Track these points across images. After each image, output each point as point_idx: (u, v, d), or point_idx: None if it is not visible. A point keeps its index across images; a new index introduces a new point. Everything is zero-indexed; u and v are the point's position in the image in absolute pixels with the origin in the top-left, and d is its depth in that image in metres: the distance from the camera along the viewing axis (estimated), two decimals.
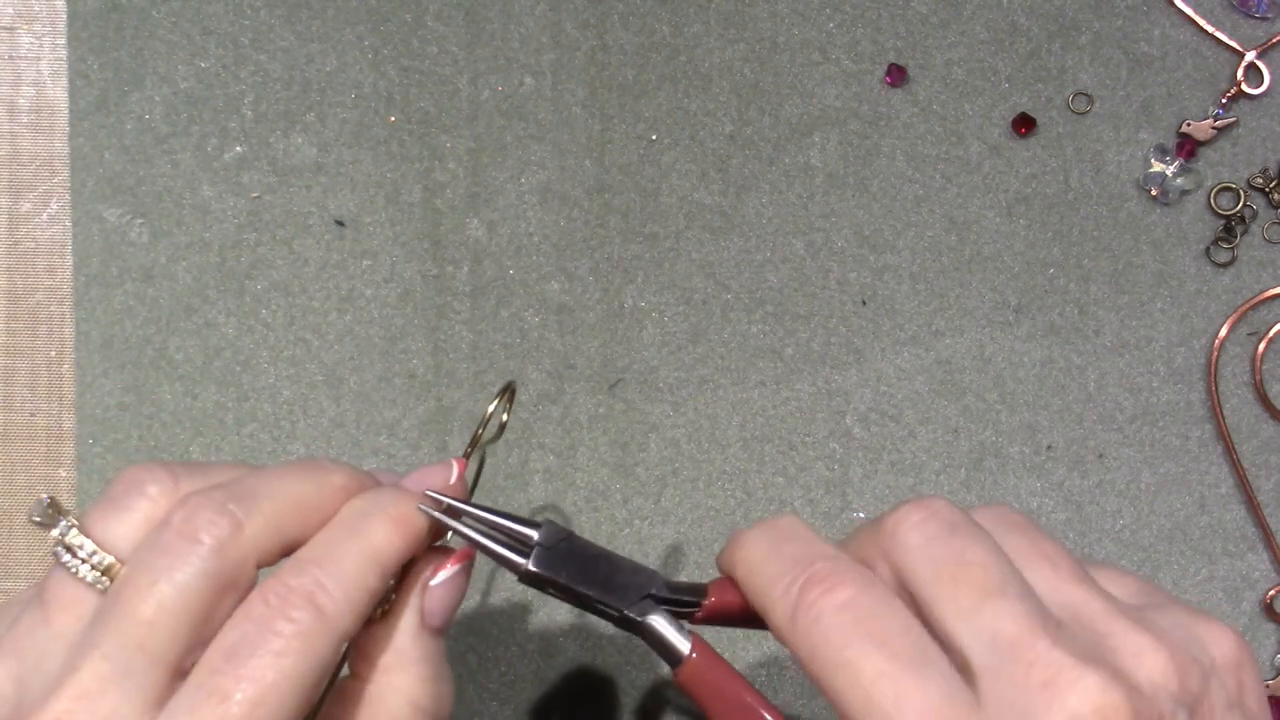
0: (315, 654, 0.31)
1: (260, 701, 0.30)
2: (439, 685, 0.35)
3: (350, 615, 0.32)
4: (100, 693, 0.30)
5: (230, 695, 0.30)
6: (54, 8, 0.54)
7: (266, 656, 0.30)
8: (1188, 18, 0.53)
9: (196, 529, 0.32)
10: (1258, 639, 0.51)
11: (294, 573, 0.32)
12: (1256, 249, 0.52)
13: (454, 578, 0.36)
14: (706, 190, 0.53)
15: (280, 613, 0.31)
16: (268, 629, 0.31)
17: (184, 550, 0.31)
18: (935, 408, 0.52)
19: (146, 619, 0.31)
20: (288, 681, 0.30)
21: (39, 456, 0.52)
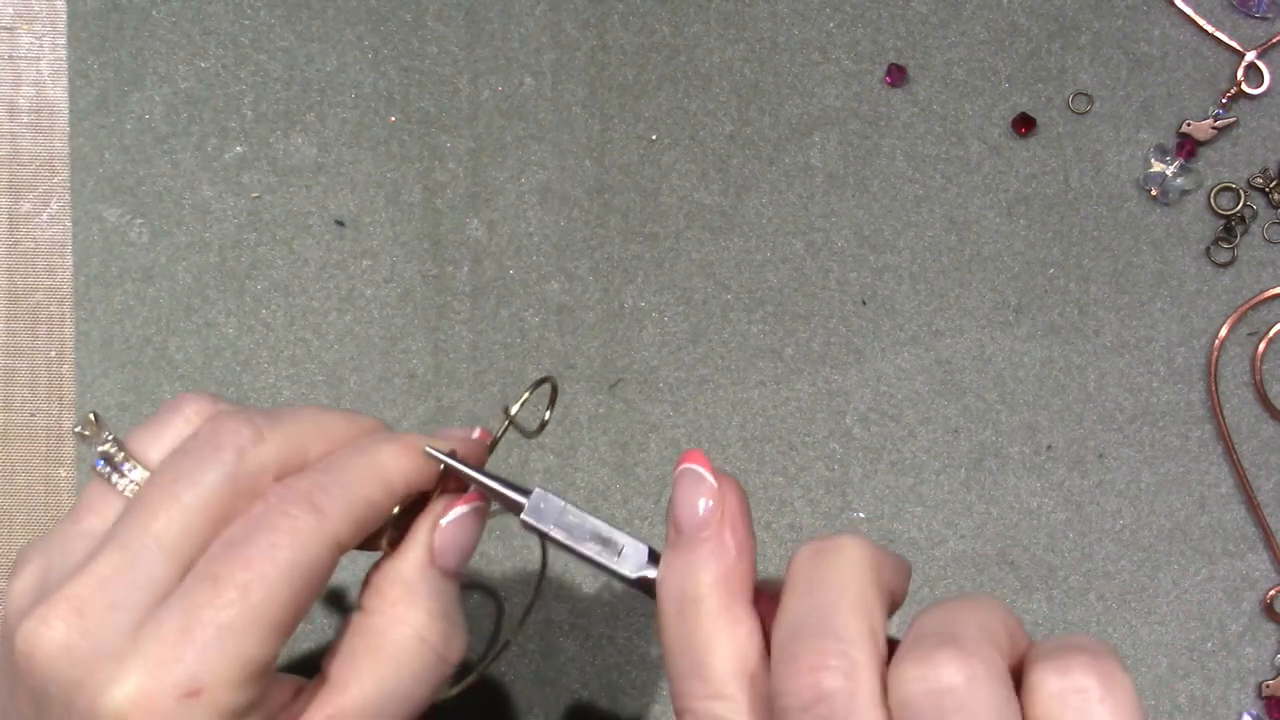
0: (308, 550, 0.32)
1: (250, 588, 0.31)
2: (447, 625, 0.35)
3: (347, 520, 0.33)
4: (112, 579, 0.32)
5: (222, 581, 0.31)
6: (54, 8, 0.54)
7: (261, 548, 0.32)
8: (1188, 18, 0.53)
9: (220, 436, 0.33)
10: (1258, 639, 0.51)
11: (298, 477, 0.33)
12: (1256, 249, 0.52)
13: (465, 518, 0.36)
14: (706, 190, 0.53)
15: (279, 510, 0.32)
16: (265, 523, 0.32)
17: (206, 454, 0.33)
18: (935, 408, 0.52)
19: (164, 514, 0.32)
20: (280, 573, 0.31)
21: (39, 456, 0.53)
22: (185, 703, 0.30)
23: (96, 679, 0.31)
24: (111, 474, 0.34)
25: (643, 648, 0.51)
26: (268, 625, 0.31)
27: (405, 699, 0.34)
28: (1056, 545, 0.51)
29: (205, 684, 0.30)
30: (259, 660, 0.31)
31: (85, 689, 0.31)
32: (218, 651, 0.31)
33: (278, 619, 0.32)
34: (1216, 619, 0.51)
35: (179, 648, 0.31)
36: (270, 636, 0.31)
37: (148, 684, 0.30)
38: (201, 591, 0.31)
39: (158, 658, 0.31)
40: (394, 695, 0.34)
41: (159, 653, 0.31)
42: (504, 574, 0.52)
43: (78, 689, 0.31)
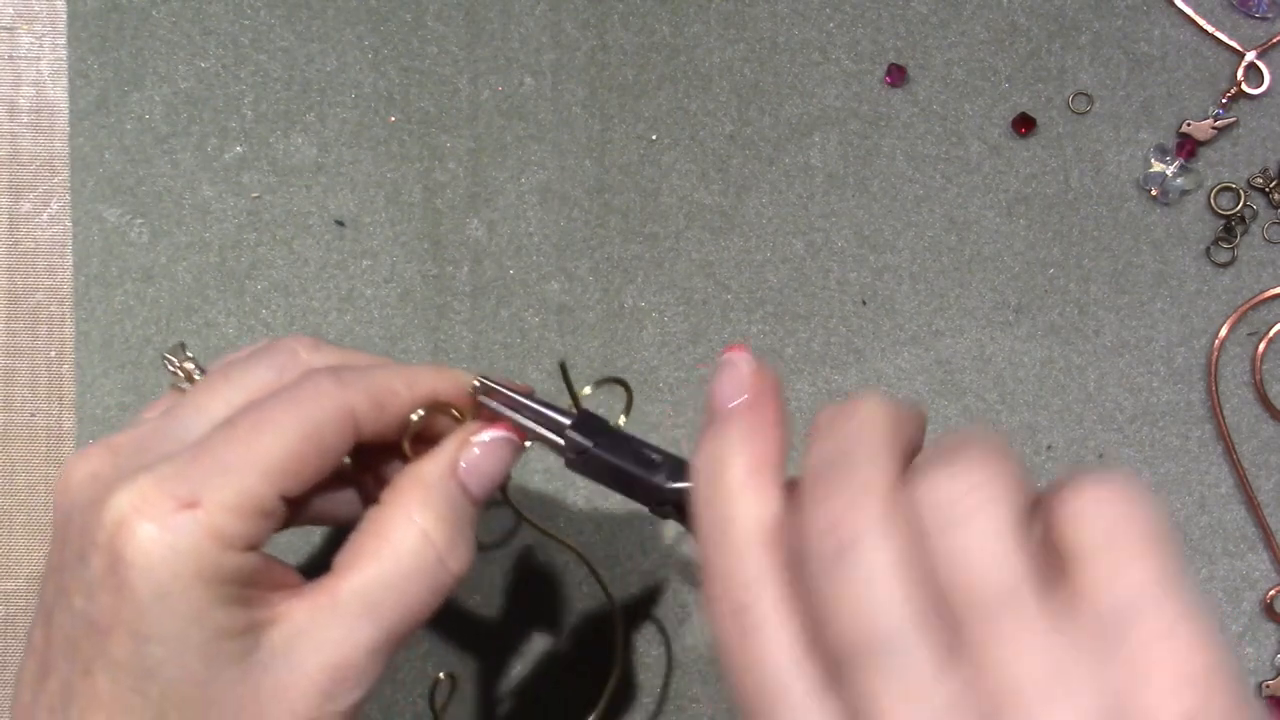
0: (322, 410, 0.34)
1: (259, 428, 0.33)
2: (456, 534, 0.36)
3: (366, 396, 0.35)
4: (152, 434, 0.35)
5: (236, 425, 0.34)
6: (54, 8, 0.54)
7: (280, 405, 0.34)
8: (1188, 18, 0.53)
9: (280, 343, 0.37)
10: (1258, 639, 0.51)
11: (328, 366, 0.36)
12: (1256, 249, 0.52)
13: (498, 443, 0.37)
14: (706, 190, 0.53)
15: (307, 378, 0.35)
16: (291, 386, 0.35)
17: (264, 353, 0.37)
18: (935, 408, 0.52)
19: (213, 392, 0.36)
20: (291, 421, 0.34)
21: (39, 456, 0.53)
22: (182, 512, 0.32)
23: (108, 494, 0.33)
24: (181, 381, 0.39)
25: (643, 647, 0.51)
26: (272, 468, 0.33)
27: (403, 593, 0.35)
28: None
29: (202, 500, 0.32)
30: (257, 495, 0.33)
31: (97, 504, 0.33)
32: (220, 476, 0.33)
33: (283, 465, 0.33)
34: (1216, 619, 0.51)
35: (186, 468, 0.33)
36: (273, 479, 0.33)
37: (149, 491, 0.32)
38: (217, 434, 0.34)
39: (164, 475, 0.33)
40: (391, 586, 0.35)
41: (166, 471, 0.33)
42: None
43: (92, 505, 0.33)
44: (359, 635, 0.34)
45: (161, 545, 0.32)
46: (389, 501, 0.36)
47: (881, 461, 0.29)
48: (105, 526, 0.32)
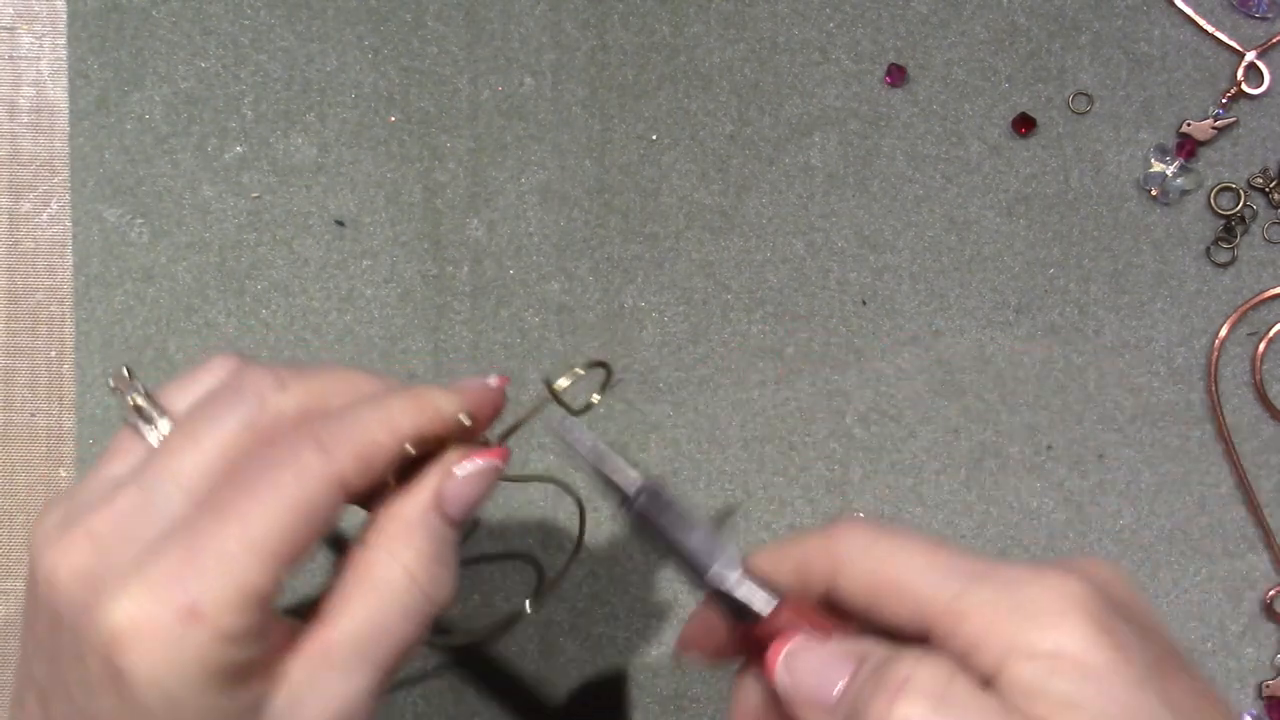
0: (312, 486, 0.33)
1: (251, 517, 0.32)
2: (440, 569, 0.36)
3: (352, 460, 0.34)
4: (129, 514, 0.33)
5: (225, 512, 0.32)
6: (54, 8, 0.54)
7: (267, 483, 0.33)
8: (1188, 18, 0.53)
9: (243, 384, 0.35)
10: (1258, 639, 0.51)
11: (309, 423, 0.34)
12: (1256, 249, 0.52)
13: (479, 473, 0.37)
14: (706, 190, 0.53)
15: (287, 448, 0.33)
16: (273, 460, 0.33)
17: (229, 400, 0.35)
18: (935, 408, 0.52)
19: (182, 455, 0.34)
20: (282, 505, 0.32)
21: (39, 456, 0.52)
22: (183, 621, 0.31)
23: (100, 601, 0.32)
24: (140, 424, 0.36)
25: (643, 648, 0.51)
26: (268, 554, 0.32)
27: (392, 634, 0.35)
28: (1056, 545, 0.51)
29: (205, 607, 0.31)
30: (258, 588, 0.32)
31: (89, 611, 0.32)
32: (218, 576, 0.32)
33: (278, 549, 0.32)
34: (1216, 619, 0.51)
35: (181, 571, 0.32)
36: (270, 566, 0.32)
37: (147, 604, 0.31)
38: (205, 520, 0.32)
39: (160, 580, 0.31)
40: (381, 629, 0.34)
41: (160, 575, 0.32)
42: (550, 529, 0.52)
43: (84, 611, 0.32)
44: (355, 683, 0.34)
45: (166, 659, 0.31)
46: (372, 543, 0.35)
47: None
48: (102, 637, 0.31)
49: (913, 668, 0.30)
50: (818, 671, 0.32)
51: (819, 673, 0.32)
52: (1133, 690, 0.29)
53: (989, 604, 0.31)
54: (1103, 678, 0.29)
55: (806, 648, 0.33)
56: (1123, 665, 0.30)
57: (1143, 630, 0.32)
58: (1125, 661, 0.30)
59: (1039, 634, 0.30)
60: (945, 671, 0.30)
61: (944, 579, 0.32)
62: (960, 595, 0.32)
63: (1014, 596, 0.31)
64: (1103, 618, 0.30)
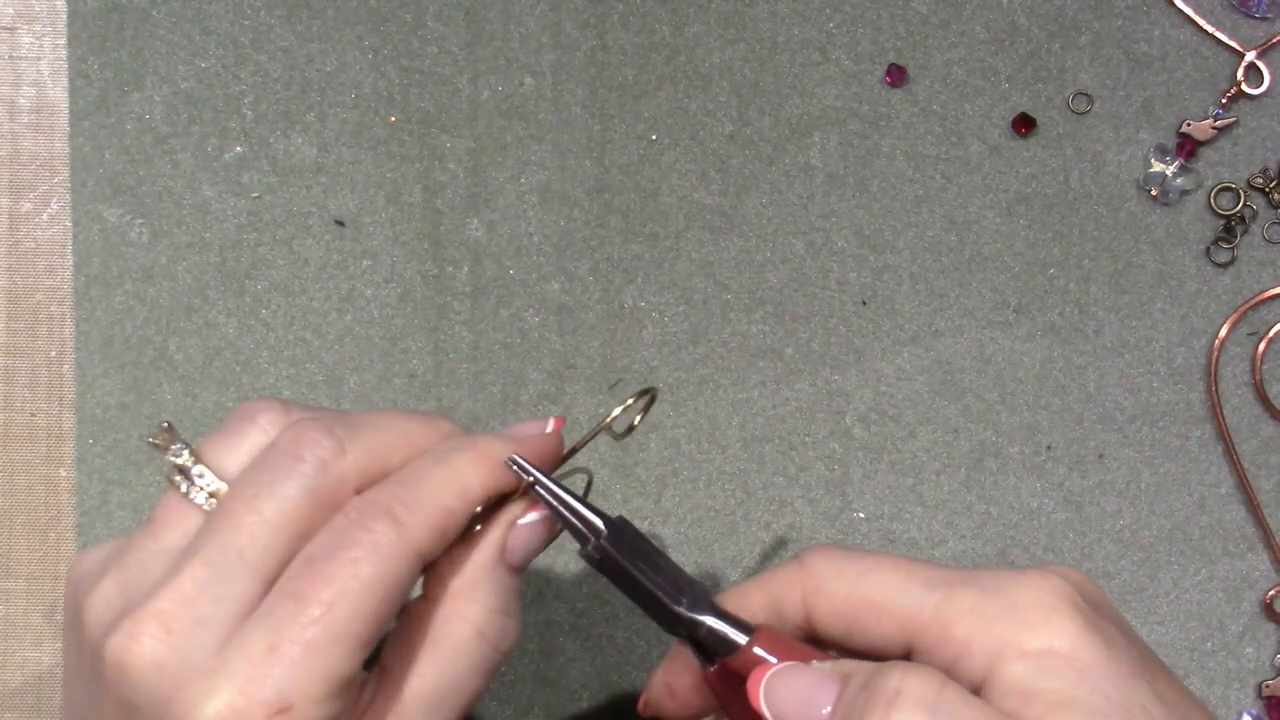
0: (390, 564, 0.32)
1: (334, 605, 0.31)
2: (506, 619, 0.36)
3: (427, 531, 0.33)
4: (198, 596, 0.32)
5: (306, 598, 0.31)
6: (54, 8, 0.54)
7: (344, 563, 0.32)
8: (1188, 18, 0.53)
9: (301, 448, 0.33)
10: (1258, 639, 0.51)
11: (378, 490, 0.34)
12: (1256, 249, 0.52)
13: (543, 521, 0.36)
14: (706, 190, 0.53)
15: (359, 524, 0.33)
16: (347, 539, 0.32)
17: (287, 467, 0.33)
18: (935, 408, 0.52)
19: (246, 529, 0.33)
20: (363, 588, 0.32)
21: (39, 456, 0.52)
22: (275, 719, 0.31)
23: (185, 696, 0.31)
24: (185, 485, 0.34)
25: (643, 648, 0.51)
26: (352, 640, 0.32)
27: (462, 692, 0.35)
28: (1056, 545, 0.51)
29: (294, 700, 0.31)
30: (344, 675, 0.32)
31: (174, 706, 0.31)
32: (304, 668, 0.31)
33: (362, 634, 0.32)
34: (1216, 619, 0.51)
35: (267, 665, 0.31)
36: (355, 651, 0.32)
37: (237, 701, 0.31)
38: (286, 608, 0.32)
39: (246, 675, 0.31)
40: (452, 688, 0.34)
41: (247, 670, 0.31)
42: None
43: (167, 705, 0.31)
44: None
45: None
46: (436, 599, 0.35)
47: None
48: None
49: (902, 679, 0.30)
50: (803, 695, 0.32)
51: (805, 696, 0.32)
52: (1125, 686, 0.29)
53: (974, 608, 0.31)
54: (1095, 674, 0.29)
55: (789, 671, 0.33)
56: (1113, 662, 0.30)
57: (1122, 630, 0.32)
58: (1114, 659, 0.30)
59: (1028, 633, 0.30)
60: (935, 680, 0.30)
61: (923, 590, 0.32)
62: (942, 603, 0.32)
63: (999, 598, 0.31)
64: (1089, 616, 0.30)
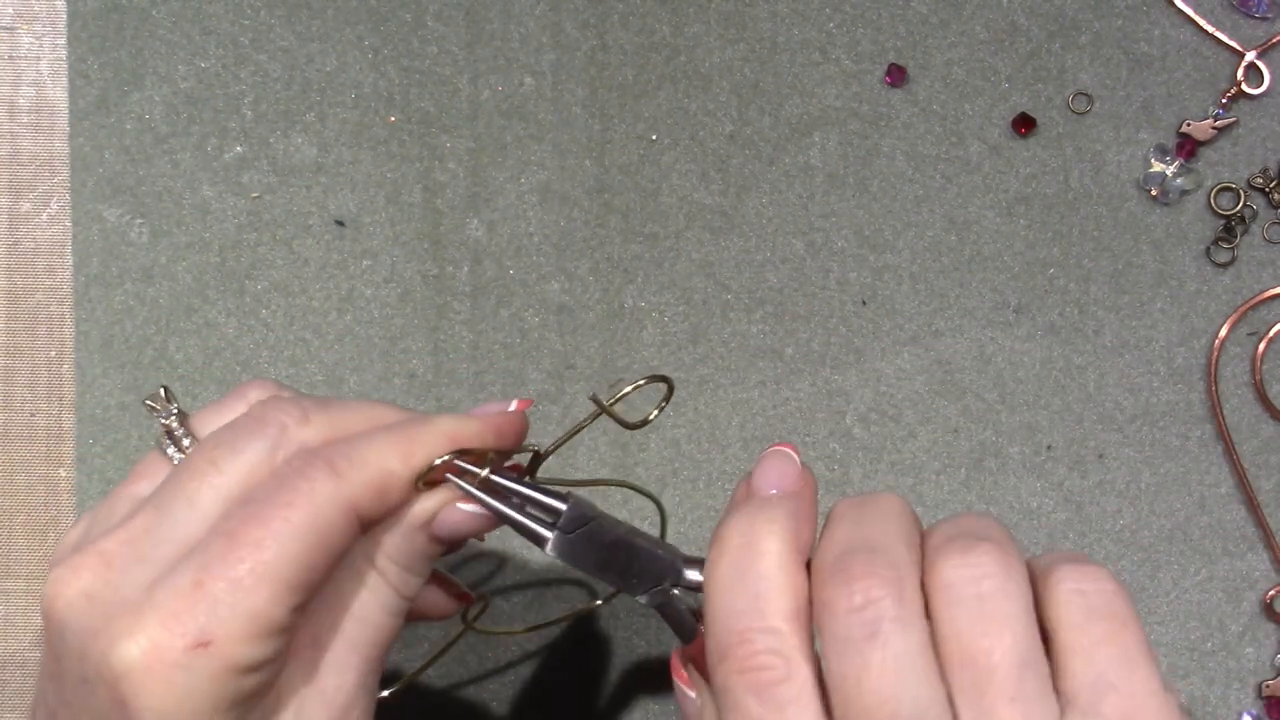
0: (323, 511, 0.33)
1: (262, 544, 0.32)
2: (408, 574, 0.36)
3: (364, 486, 0.34)
4: (143, 536, 0.33)
5: (236, 538, 0.32)
6: (54, 8, 0.54)
7: (278, 507, 0.32)
8: (1188, 18, 0.53)
9: (266, 414, 0.35)
10: (1258, 639, 0.51)
11: (324, 446, 0.34)
12: (1256, 249, 0.52)
13: (480, 517, 0.37)
14: (706, 190, 0.53)
15: (299, 472, 0.33)
16: (285, 484, 0.33)
17: (251, 429, 0.34)
18: (935, 408, 0.52)
19: (200, 479, 0.34)
20: (293, 530, 0.32)
21: (39, 456, 0.53)
22: (194, 654, 0.31)
23: (111, 629, 0.31)
24: (169, 446, 0.36)
25: (643, 648, 0.51)
26: (280, 582, 0.32)
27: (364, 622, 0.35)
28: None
29: (215, 636, 0.31)
30: (270, 617, 0.32)
31: (99, 637, 0.31)
32: (229, 606, 0.31)
33: (290, 577, 0.32)
34: (1216, 619, 0.51)
35: (191, 600, 0.31)
36: (282, 594, 0.32)
37: (158, 635, 0.31)
38: (217, 547, 0.32)
39: (170, 609, 0.31)
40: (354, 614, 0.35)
41: (171, 605, 0.31)
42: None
43: (93, 636, 0.32)
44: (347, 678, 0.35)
45: (175, 693, 0.31)
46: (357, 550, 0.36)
47: (906, 550, 0.31)
48: (111, 669, 0.31)
49: None
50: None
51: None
52: None
53: None
54: None
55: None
56: None
57: None
58: None
59: None
60: None
61: None
62: None
63: None
64: None
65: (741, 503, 0.34)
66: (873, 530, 0.32)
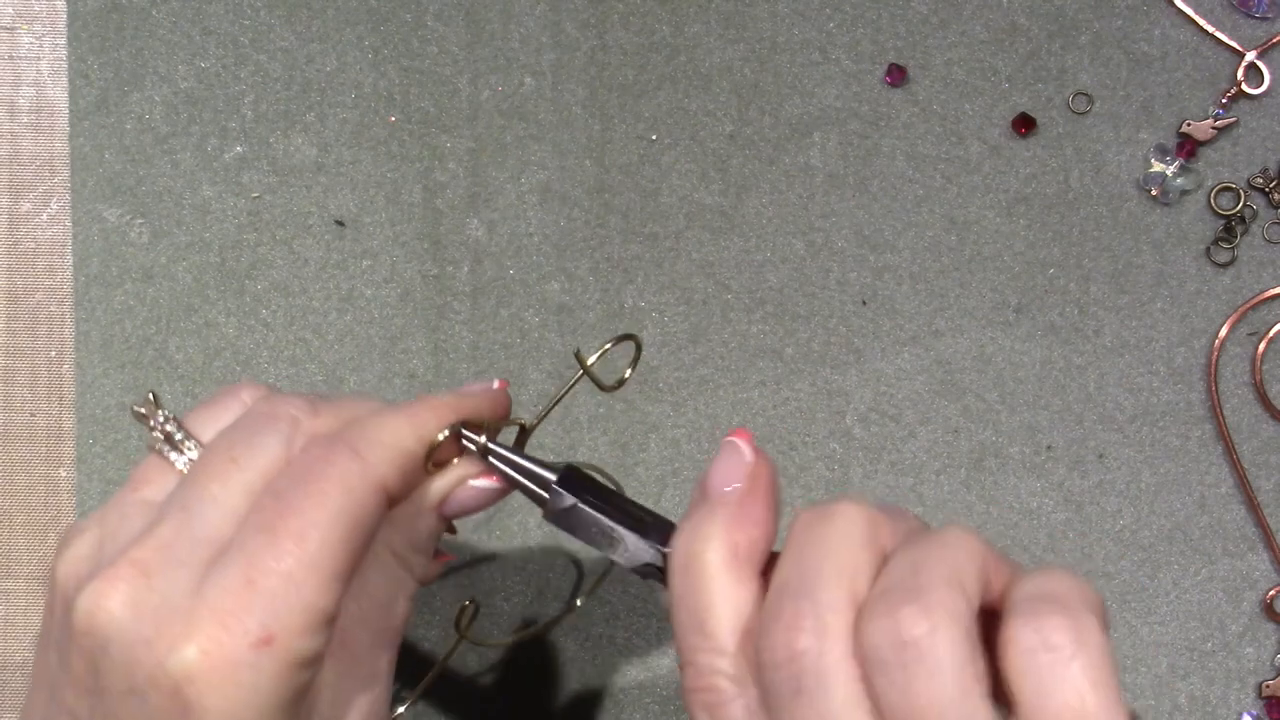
0: (356, 495, 0.33)
1: (305, 535, 0.32)
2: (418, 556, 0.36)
3: (389, 466, 0.34)
4: (175, 540, 0.32)
5: (277, 531, 0.32)
6: (54, 8, 0.54)
7: (312, 495, 0.32)
8: (1188, 18, 0.53)
9: (277, 409, 0.35)
10: (1258, 639, 0.51)
11: (339, 432, 0.34)
12: (1256, 249, 0.52)
13: (492, 489, 0.37)
14: (706, 190, 0.53)
15: (323, 459, 0.33)
16: (312, 472, 0.33)
17: (263, 424, 0.34)
18: (935, 408, 0.52)
19: (222, 475, 0.33)
20: (331, 518, 0.32)
21: (39, 456, 0.53)
22: (258, 652, 0.31)
23: (165, 636, 0.31)
24: (168, 451, 0.35)
25: (643, 648, 0.51)
26: (327, 571, 0.32)
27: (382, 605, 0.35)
28: (1056, 545, 0.51)
29: (275, 632, 0.31)
30: (323, 607, 0.32)
31: (153, 646, 0.31)
32: (284, 600, 0.31)
33: (335, 565, 0.32)
34: (1216, 619, 0.51)
35: (245, 598, 0.31)
36: (330, 583, 0.32)
37: (219, 636, 0.31)
38: (258, 542, 0.32)
39: (226, 610, 0.31)
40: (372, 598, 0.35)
41: (227, 605, 0.31)
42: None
43: (145, 646, 0.31)
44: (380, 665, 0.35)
45: (242, 691, 0.31)
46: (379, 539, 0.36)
47: (843, 590, 0.29)
48: (170, 675, 0.30)
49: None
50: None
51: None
52: None
53: None
54: None
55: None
56: None
57: None
58: None
59: None
60: None
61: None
62: None
63: None
64: None
65: (692, 507, 0.33)
66: (813, 563, 0.30)
